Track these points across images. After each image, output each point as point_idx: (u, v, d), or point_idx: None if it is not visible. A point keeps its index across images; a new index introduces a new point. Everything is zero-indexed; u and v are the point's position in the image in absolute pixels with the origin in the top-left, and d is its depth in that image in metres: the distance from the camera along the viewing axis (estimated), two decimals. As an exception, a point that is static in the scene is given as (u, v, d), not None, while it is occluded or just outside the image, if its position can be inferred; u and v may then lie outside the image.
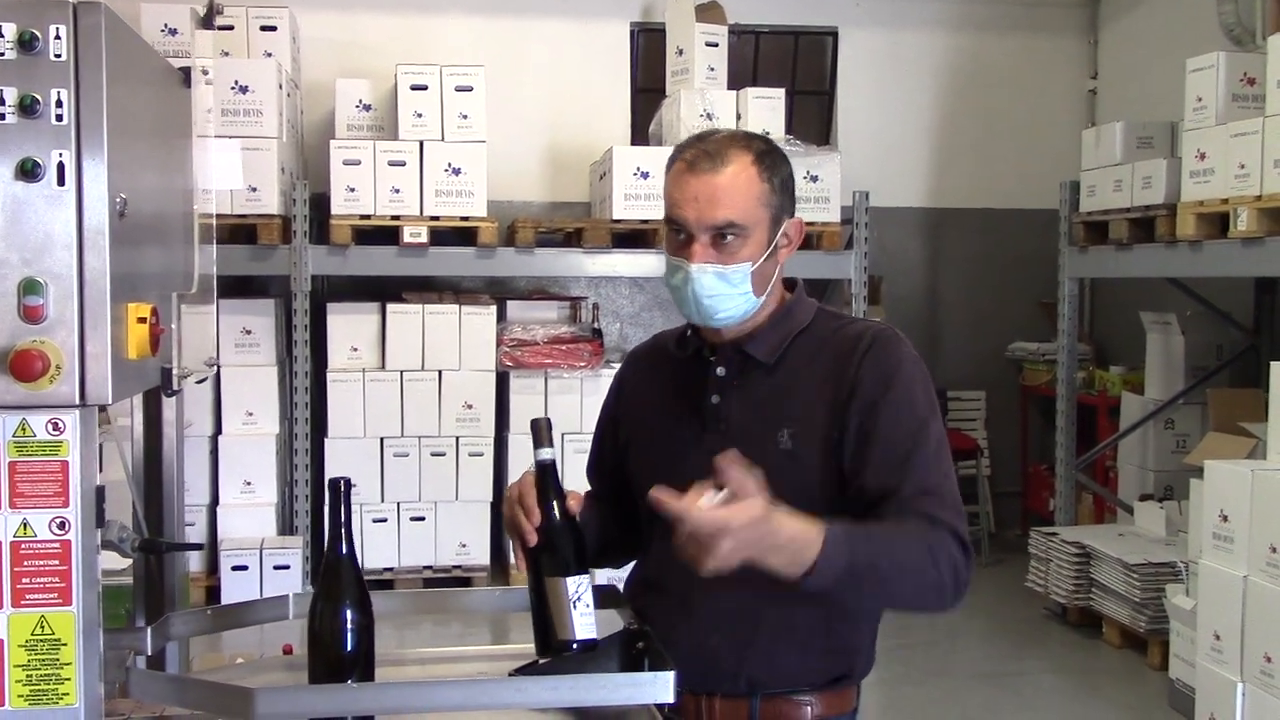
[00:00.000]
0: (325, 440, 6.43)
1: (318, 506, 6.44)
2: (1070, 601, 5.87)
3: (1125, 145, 6.06)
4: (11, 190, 1.53)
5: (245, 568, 6.07)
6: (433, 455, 6.48)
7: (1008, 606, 6.33)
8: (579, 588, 1.76)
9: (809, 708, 1.93)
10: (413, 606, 2.38)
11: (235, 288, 6.67)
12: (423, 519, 6.50)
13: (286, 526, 6.43)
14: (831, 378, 1.91)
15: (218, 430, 6.39)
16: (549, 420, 1.84)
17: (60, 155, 1.53)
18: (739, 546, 1.62)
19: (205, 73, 2.04)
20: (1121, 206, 5.94)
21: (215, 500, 6.34)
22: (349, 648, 1.70)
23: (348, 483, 1.72)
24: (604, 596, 2.02)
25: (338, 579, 1.72)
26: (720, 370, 1.97)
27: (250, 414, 6.43)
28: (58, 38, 1.53)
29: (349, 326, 6.55)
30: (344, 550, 1.72)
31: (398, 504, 6.48)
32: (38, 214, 1.54)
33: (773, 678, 1.91)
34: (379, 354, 6.55)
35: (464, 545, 6.50)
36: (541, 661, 1.86)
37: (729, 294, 1.89)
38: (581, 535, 1.83)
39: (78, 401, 1.56)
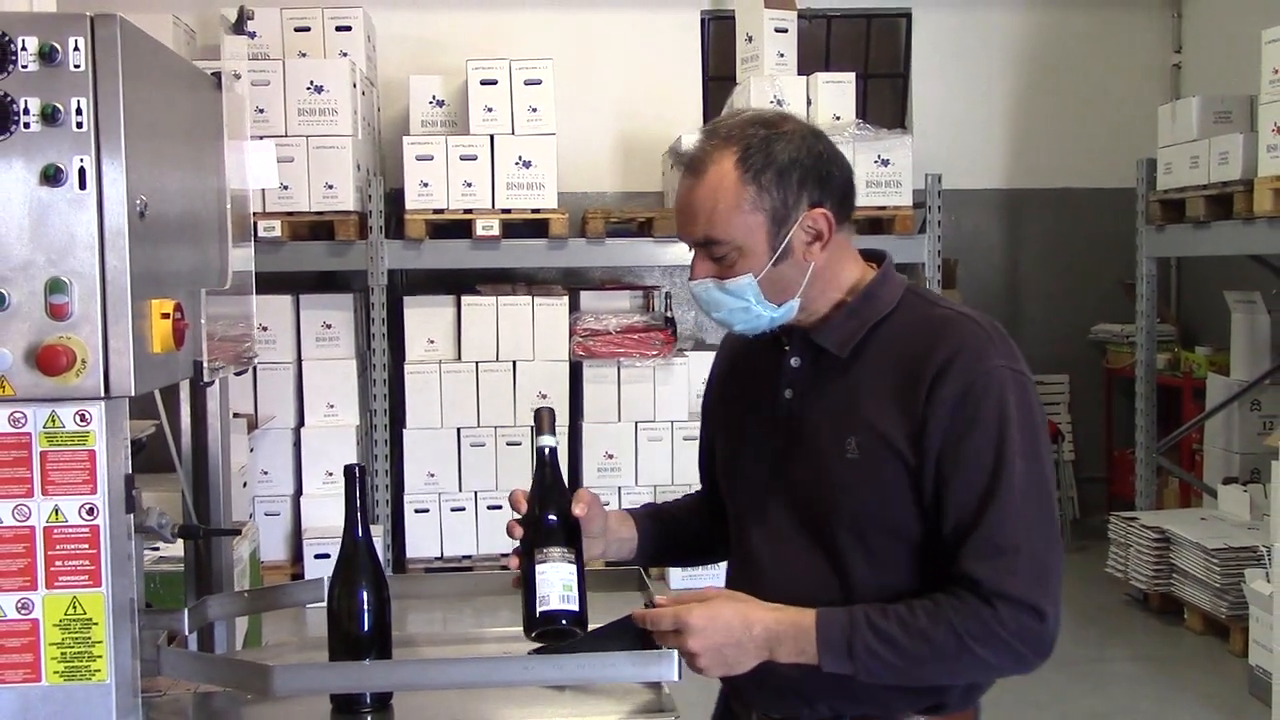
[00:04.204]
0: (404, 431, 6.57)
1: (398, 496, 6.58)
2: (1150, 587, 5.77)
3: (1202, 120, 5.91)
4: (36, 195, 1.62)
5: (328, 556, 6.22)
6: (508, 445, 6.58)
7: (1088, 593, 6.23)
8: (554, 561, 1.73)
9: None
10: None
11: (315, 283, 6.84)
12: (499, 507, 6.58)
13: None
14: (906, 387, 1.68)
15: (300, 422, 6.57)
16: (550, 410, 1.85)
17: (81, 160, 1.62)
18: (709, 646, 1.64)
19: (237, 76, 2.11)
20: (1198, 183, 5.81)
21: (299, 490, 6.52)
22: (365, 627, 1.77)
23: (362, 469, 1.78)
24: (625, 578, 2.06)
25: (354, 562, 1.78)
26: (794, 361, 1.80)
27: (331, 406, 6.60)
28: (76, 49, 1.61)
29: (425, 319, 6.68)
30: (360, 534, 1.79)
31: (475, 493, 6.59)
32: (61, 217, 1.63)
33: (851, 704, 1.73)
34: (455, 346, 6.67)
35: (540, 533, 6.58)
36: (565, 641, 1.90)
37: (738, 306, 1.73)
38: (562, 518, 1.78)
39: (102, 394, 1.65)
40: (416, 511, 6.57)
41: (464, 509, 6.60)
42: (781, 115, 1.78)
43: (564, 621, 1.70)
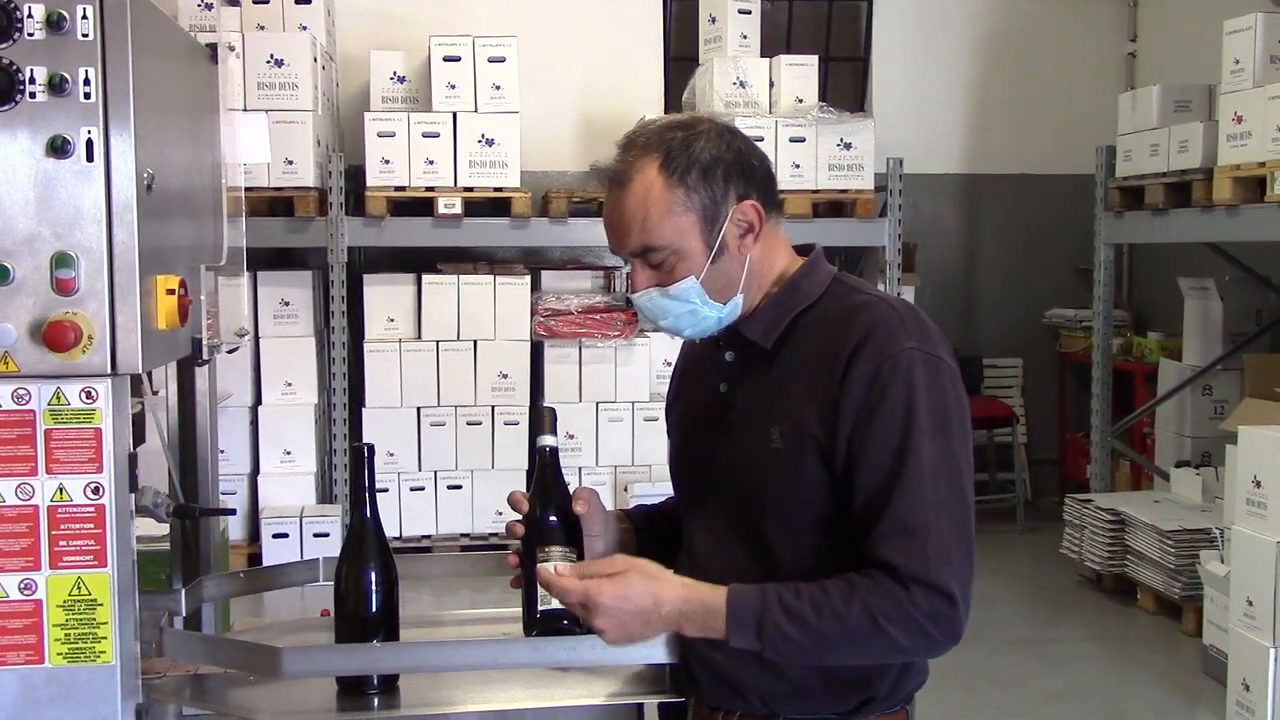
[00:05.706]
0: (363, 410, 6.51)
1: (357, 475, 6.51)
2: (1105, 568, 5.87)
3: (1162, 109, 5.99)
4: (43, 167, 1.58)
5: (286, 535, 6.17)
6: (469, 424, 6.55)
7: (1043, 574, 6.33)
8: (555, 561, 1.71)
9: None
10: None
11: (273, 260, 6.75)
12: (459, 487, 6.57)
13: (326, 495, 6.53)
14: (823, 373, 1.69)
15: (258, 400, 6.48)
16: (553, 410, 1.82)
17: (89, 132, 1.59)
18: (616, 624, 1.63)
19: (231, 48, 2.07)
20: (1158, 171, 5.89)
21: (256, 469, 6.44)
22: (373, 609, 1.75)
23: (371, 449, 1.76)
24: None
25: (362, 542, 1.77)
26: (728, 355, 1.83)
27: (289, 384, 6.52)
28: (85, 17, 1.57)
29: (385, 297, 6.61)
30: (368, 514, 1.77)
31: (435, 473, 6.55)
32: (68, 189, 1.59)
33: (784, 698, 1.75)
34: (415, 324, 6.61)
35: (500, 513, 6.56)
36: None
37: (684, 310, 1.74)
38: (563, 518, 1.77)
39: (109, 371, 1.62)
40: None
41: (423, 489, 6.56)
42: (695, 117, 1.80)
43: (565, 621, 1.70)
